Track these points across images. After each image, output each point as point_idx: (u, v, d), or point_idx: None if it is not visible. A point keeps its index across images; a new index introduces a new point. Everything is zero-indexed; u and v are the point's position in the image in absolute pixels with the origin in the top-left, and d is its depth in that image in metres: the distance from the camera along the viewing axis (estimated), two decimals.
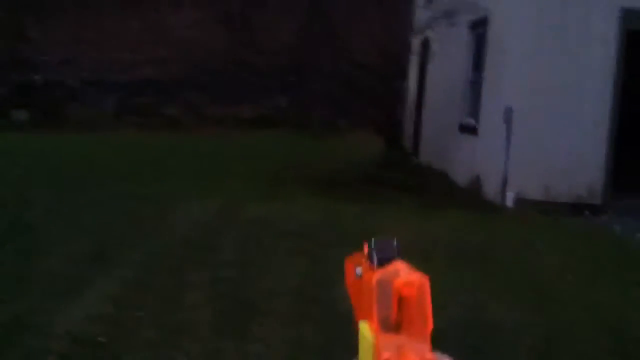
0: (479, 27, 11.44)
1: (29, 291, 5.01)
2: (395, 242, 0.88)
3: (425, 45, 14.95)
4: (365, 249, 0.92)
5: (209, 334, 4.35)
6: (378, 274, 0.82)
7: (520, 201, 9.72)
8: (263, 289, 5.30)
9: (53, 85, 21.65)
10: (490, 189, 10.17)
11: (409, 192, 10.43)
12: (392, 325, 0.81)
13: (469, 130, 11.49)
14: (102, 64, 21.41)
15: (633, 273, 6.34)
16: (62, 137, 16.56)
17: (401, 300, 0.81)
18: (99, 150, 14.57)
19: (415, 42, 15.61)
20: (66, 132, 17.86)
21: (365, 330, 0.82)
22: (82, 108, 21.74)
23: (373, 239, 0.91)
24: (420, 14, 15.34)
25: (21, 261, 5.78)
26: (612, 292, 5.68)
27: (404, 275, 0.80)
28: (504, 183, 9.82)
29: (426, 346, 0.78)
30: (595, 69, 9.76)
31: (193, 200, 9.07)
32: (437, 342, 3.60)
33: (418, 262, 4.70)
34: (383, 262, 0.87)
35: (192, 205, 8.70)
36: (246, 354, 4.08)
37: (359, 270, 0.89)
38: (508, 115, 9.81)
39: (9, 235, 6.63)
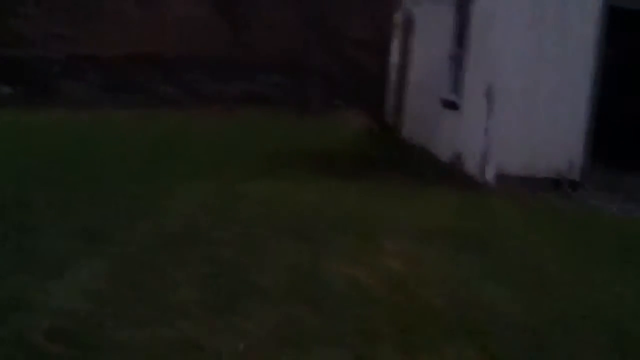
0: (463, 2, 11.44)
1: (20, 268, 5.02)
2: None
3: (409, 19, 14.95)
4: None
5: (202, 312, 4.39)
6: None
7: (500, 177, 9.81)
8: (258, 269, 5.33)
9: (42, 60, 21.47)
10: (472, 165, 10.26)
11: (390, 170, 10.49)
12: None
13: (451, 106, 11.55)
14: (93, 40, 21.22)
15: (605, 252, 6.44)
16: (51, 115, 16.42)
17: None
18: (90, 131, 14.46)
19: (399, 17, 15.60)
20: (55, 109, 17.72)
21: None
22: (72, 84, 21.60)
23: None
24: None
25: (14, 239, 5.79)
26: (591, 272, 5.76)
27: None
28: (485, 159, 9.91)
29: None
30: (577, 45, 9.83)
31: (188, 180, 8.96)
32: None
33: (410, 242, 4.69)
34: None
35: (187, 185, 8.61)
36: (238, 332, 4.12)
37: None
38: (489, 91, 9.88)
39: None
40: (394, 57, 16.20)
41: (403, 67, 15.37)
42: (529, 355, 4.04)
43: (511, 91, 9.88)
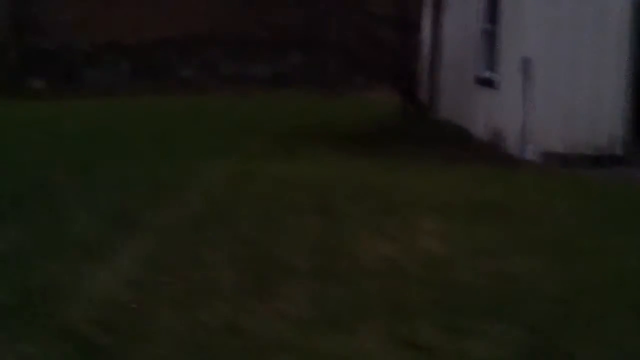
0: None
1: (58, 255, 5.03)
2: None
3: None
4: None
5: (236, 293, 4.35)
6: None
7: (540, 154, 9.64)
8: (286, 247, 5.29)
9: (66, 49, 21.50)
10: (510, 143, 10.09)
11: (428, 147, 10.39)
12: None
13: (487, 83, 11.35)
14: (115, 27, 21.23)
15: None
16: (77, 104, 16.52)
17: None
18: (114, 119, 14.54)
19: None
20: (82, 99, 17.80)
21: None
22: (97, 72, 21.64)
23: None
24: None
25: (48, 226, 5.83)
26: (629, 246, 5.61)
27: None
28: (524, 136, 9.74)
29: None
30: (615, 14, 9.56)
31: (210, 160, 9.07)
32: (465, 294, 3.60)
33: (439, 215, 4.63)
34: None
35: (210, 166, 8.69)
36: (272, 311, 4.07)
37: None
38: (526, 66, 9.69)
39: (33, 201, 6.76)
40: (426, 34, 15.97)
41: (435, 44, 15.14)
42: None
43: (548, 66, 9.67)
